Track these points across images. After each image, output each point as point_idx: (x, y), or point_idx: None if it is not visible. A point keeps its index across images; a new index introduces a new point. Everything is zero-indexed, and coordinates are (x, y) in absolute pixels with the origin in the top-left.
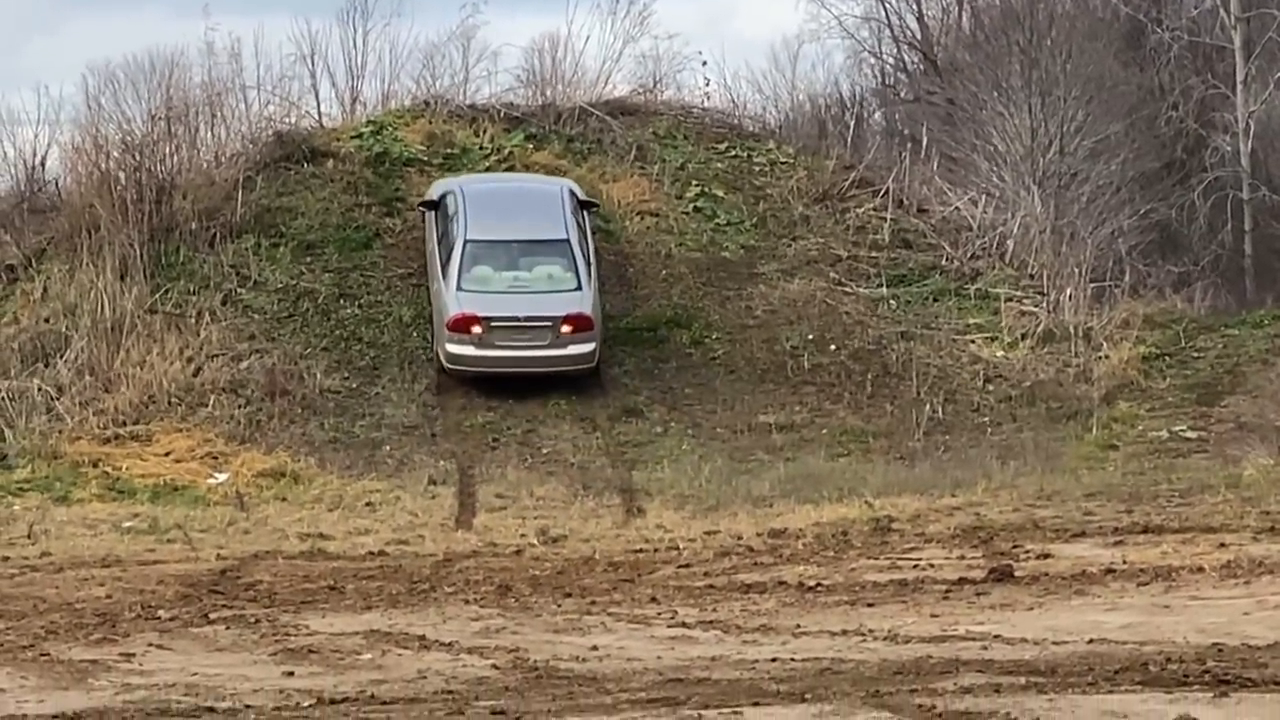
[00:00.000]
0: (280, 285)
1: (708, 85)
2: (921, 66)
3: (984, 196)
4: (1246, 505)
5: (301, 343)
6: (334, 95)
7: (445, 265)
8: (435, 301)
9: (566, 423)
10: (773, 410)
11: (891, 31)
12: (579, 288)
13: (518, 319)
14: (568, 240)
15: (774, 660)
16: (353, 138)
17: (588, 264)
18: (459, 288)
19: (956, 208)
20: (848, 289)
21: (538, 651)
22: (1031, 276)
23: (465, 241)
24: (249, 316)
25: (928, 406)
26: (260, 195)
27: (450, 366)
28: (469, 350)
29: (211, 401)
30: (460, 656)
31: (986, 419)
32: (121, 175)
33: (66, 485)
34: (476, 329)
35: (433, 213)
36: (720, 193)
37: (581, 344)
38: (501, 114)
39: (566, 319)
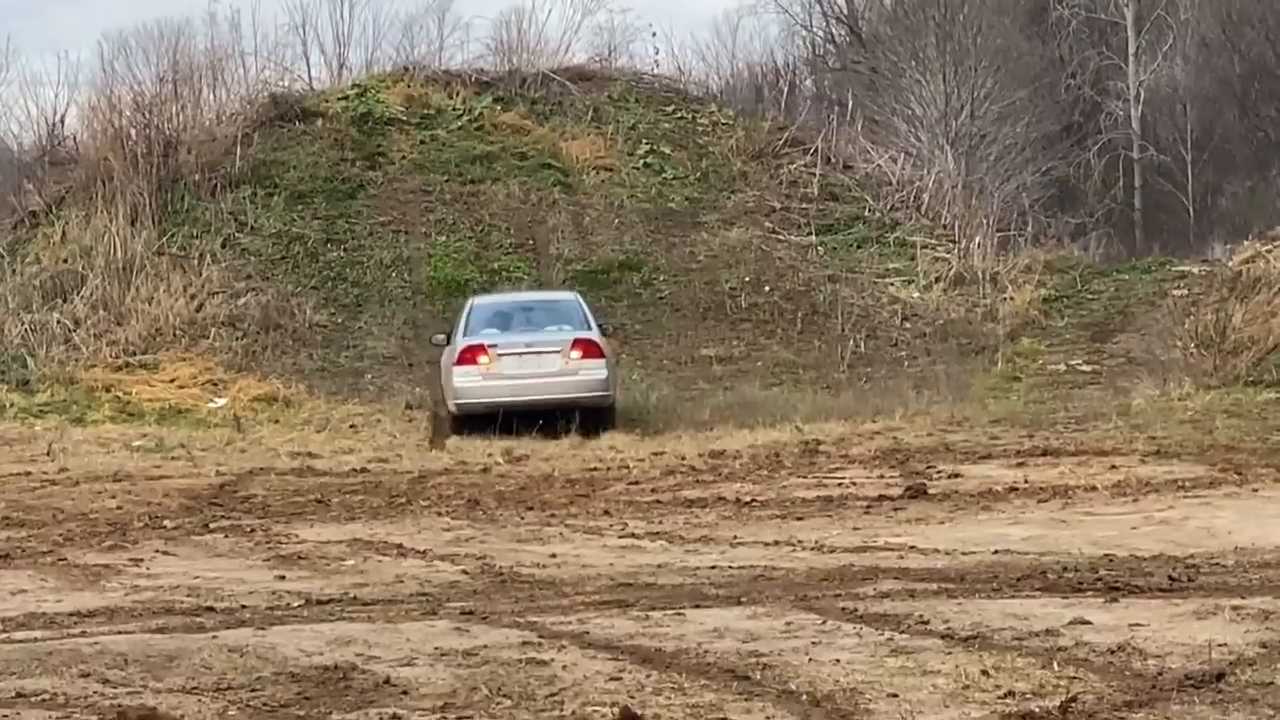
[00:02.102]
0: (274, 231)
1: (657, 54)
2: (848, 38)
3: (903, 155)
4: (1135, 431)
5: (293, 282)
6: (323, 61)
7: (451, 341)
8: (445, 379)
9: None
10: (713, 344)
11: (821, 6)
12: (589, 328)
13: (526, 343)
14: (576, 301)
15: (714, 567)
16: (339, 99)
17: (601, 330)
18: (464, 335)
19: (878, 165)
20: (781, 237)
21: (503, 558)
22: (945, 226)
23: (472, 307)
24: (246, 258)
25: (851, 342)
26: (257, 150)
27: (458, 403)
28: (475, 381)
29: (212, 334)
30: (434, 563)
31: (904, 353)
32: (133, 132)
33: (82, 408)
34: (484, 358)
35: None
36: (667, 150)
37: (593, 371)
38: (473, 79)
39: (575, 343)
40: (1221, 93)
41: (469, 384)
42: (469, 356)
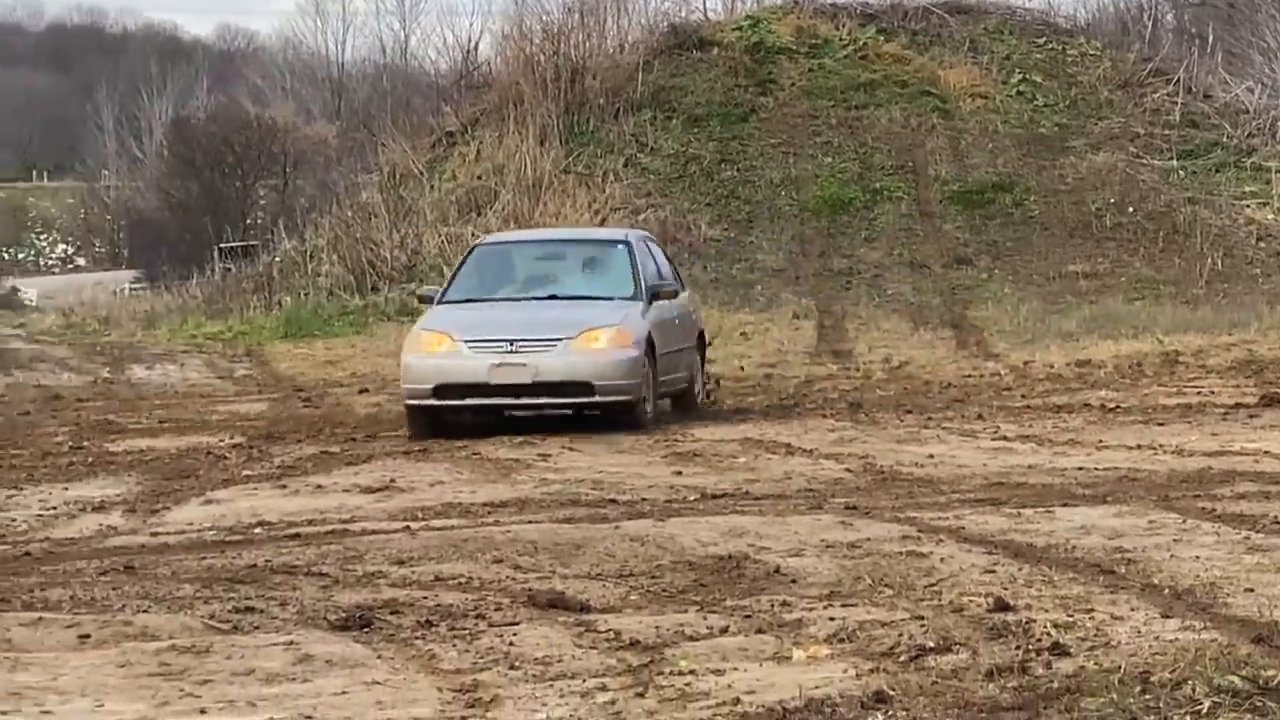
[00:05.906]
0: (672, 152)
1: None
2: None
3: (1259, 85)
4: None
5: (689, 199)
6: None
7: None
8: None
9: (908, 269)
10: (1079, 261)
11: None
12: None
13: None
14: None
15: (1080, 469)
16: (733, 30)
17: None
18: None
19: (1236, 94)
20: (1143, 161)
21: (883, 458)
22: None
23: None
24: (646, 177)
25: (1209, 260)
26: (656, 76)
27: None
28: None
29: None
30: (819, 461)
31: (1258, 271)
32: (541, 58)
33: None
34: None
35: None
36: (1038, 79)
37: None
38: (858, 11)
39: None
40: None
41: None
42: None
